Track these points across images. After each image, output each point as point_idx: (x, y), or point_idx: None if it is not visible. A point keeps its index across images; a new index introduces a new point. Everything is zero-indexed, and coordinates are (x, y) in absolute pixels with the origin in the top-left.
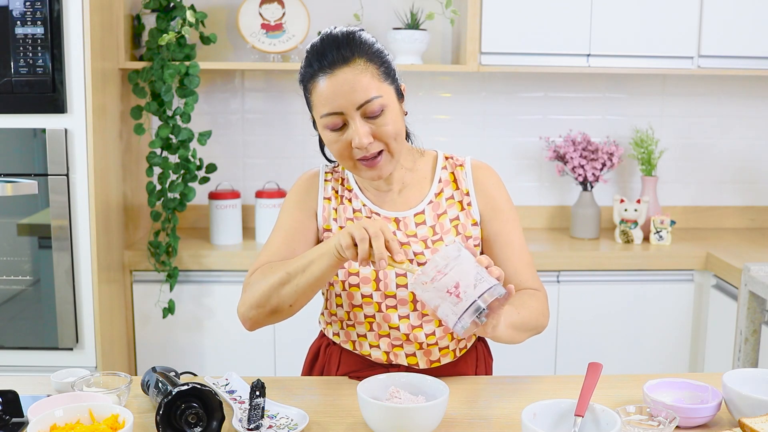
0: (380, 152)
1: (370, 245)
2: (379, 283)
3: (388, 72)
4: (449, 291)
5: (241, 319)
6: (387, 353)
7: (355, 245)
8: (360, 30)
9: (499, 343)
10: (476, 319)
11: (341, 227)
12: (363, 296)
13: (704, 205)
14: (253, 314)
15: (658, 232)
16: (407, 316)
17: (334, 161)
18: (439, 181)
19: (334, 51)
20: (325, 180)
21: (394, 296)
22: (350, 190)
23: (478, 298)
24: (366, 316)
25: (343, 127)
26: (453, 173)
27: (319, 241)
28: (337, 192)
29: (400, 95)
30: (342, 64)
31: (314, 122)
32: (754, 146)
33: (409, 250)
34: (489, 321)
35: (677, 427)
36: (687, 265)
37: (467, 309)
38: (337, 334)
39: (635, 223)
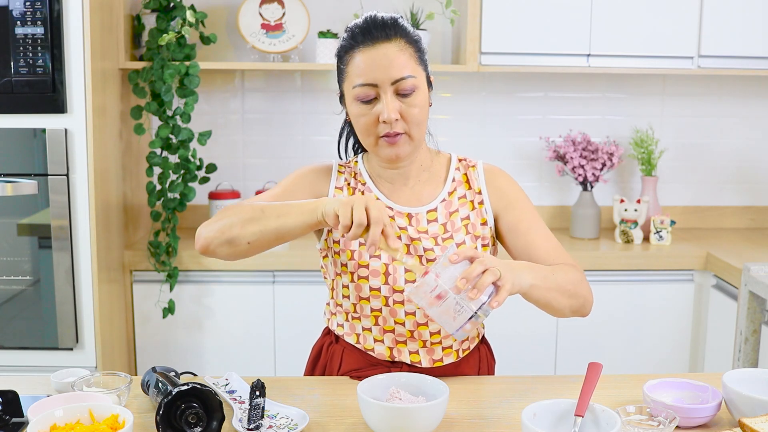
0: (401, 134)
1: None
2: (388, 277)
3: (422, 58)
4: (438, 317)
5: (197, 236)
6: (390, 349)
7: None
8: (401, 17)
9: (538, 307)
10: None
11: None
12: (371, 289)
13: (704, 205)
14: (210, 236)
15: (658, 232)
16: (413, 313)
17: (344, 159)
18: (453, 180)
19: (379, 29)
20: (339, 171)
21: (402, 291)
22: (364, 183)
23: (464, 323)
24: (372, 310)
25: (373, 101)
26: (465, 174)
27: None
28: (349, 184)
29: (429, 85)
30: (384, 40)
31: (341, 98)
32: (754, 146)
33: (420, 245)
34: (494, 300)
35: (677, 427)
36: (687, 265)
37: (457, 332)
38: (342, 326)
39: (635, 223)
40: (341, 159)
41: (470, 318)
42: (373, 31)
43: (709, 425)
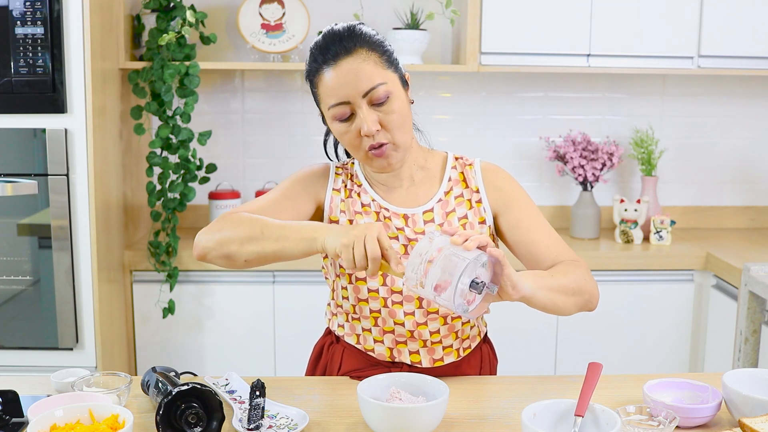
0: (385, 144)
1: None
2: (386, 278)
3: (390, 60)
4: (437, 285)
5: (195, 243)
6: (390, 349)
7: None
8: (360, 24)
9: (547, 313)
10: (488, 290)
11: (350, 220)
12: (369, 290)
13: (704, 205)
14: (208, 246)
15: (658, 232)
16: (413, 313)
17: (334, 160)
18: (449, 180)
19: (337, 44)
20: (336, 173)
21: (401, 292)
22: (360, 185)
23: (461, 275)
24: (371, 311)
25: (351, 117)
26: (462, 172)
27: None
28: (346, 186)
29: (405, 84)
30: (345, 55)
31: (323, 117)
32: (754, 146)
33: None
34: (505, 282)
35: (677, 427)
36: (687, 265)
37: (456, 290)
38: (342, 326)
39: (635, 223)
40: (335, 161)
41: (465, 267)
42: (332, 47)
43: (709, 425)
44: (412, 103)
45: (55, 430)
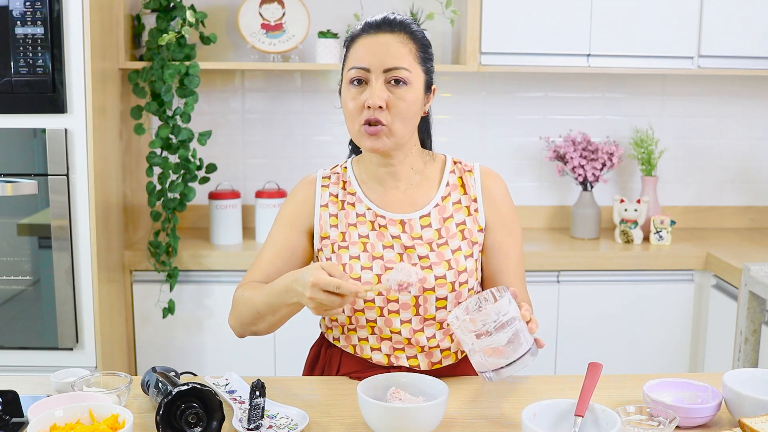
0: (382, 125)
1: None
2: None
3: (424, 60)
4: (491, 347)
5: (231, 328)
6: (388, 356)
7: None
8: (415, 23)
9: None
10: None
11: (342, 233)
12: (365, 301)
13: (704, 205)
14: (240, 330)
15: (658, 232)
16: (409, 321)
17: (349, 157)
18: (447, 184)
19: (388, 23)
20: (323, 186)
21: (397, 301)
22: (353, 194)
23: (516, 360)
24: (368, 321)
25: (364, 85)
26: (461, 178)
27: (313, 250)
28: (337, 197)
29: (428, 89)
30: (388, 30)
31: (340, 89)
32: (754, 146)
33: (414, 254)
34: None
35: (677, 427)
36: (687, 265)
37: (500, 368)
38: (338, 339)
39: (635, 223)
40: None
41: (523, 355)
42: (382, 24)
43: (709, 425)
44: (426, 114)
45: (55, 430)
